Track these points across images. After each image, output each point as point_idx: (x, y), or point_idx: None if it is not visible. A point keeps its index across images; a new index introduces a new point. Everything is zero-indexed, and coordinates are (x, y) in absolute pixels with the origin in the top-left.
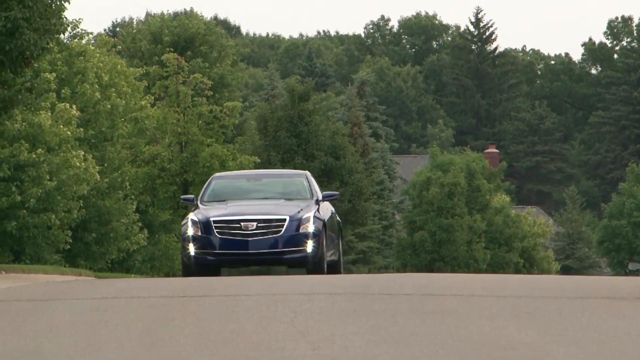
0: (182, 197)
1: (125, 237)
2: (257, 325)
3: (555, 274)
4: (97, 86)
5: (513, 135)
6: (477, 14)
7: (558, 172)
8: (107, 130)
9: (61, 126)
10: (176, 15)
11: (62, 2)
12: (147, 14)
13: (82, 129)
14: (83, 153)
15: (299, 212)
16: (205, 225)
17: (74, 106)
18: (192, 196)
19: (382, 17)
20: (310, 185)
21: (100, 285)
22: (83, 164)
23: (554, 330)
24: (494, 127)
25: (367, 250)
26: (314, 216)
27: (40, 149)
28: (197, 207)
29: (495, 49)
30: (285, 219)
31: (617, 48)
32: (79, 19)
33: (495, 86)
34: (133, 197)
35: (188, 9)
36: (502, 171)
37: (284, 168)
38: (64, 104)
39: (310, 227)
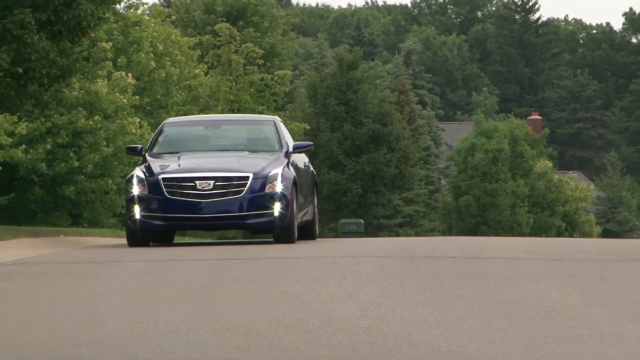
0: (127, 147)
1: None
2: (307, 287)
3: (596, 237)
4: (152, 55)
5: (555, 103)
6: None
7: (599, 138)
8: (161, 98)
9: (117, 94)
10: None
11: None
12: None
13: (137, 97)
14: (139, 120)
15: (264, 168)
16: (153, 184)
17: (129, 74)
18: (140, 146)
19: None
20: (279, 134)
21: (155, 248)
22: (139, 130)
23: (595, 292)
24: (537, 95)
25: (413, 214)
26: (283, 173)
27: (97, 116)
28: (144, 160)
29: (538, 18)
30: (248, 177)
31: None
32: None
33: (538, 55)
34: None
35: None
36: (544, 137)
37: (333, 136)
38: (120, 72)
39: (278, 187)
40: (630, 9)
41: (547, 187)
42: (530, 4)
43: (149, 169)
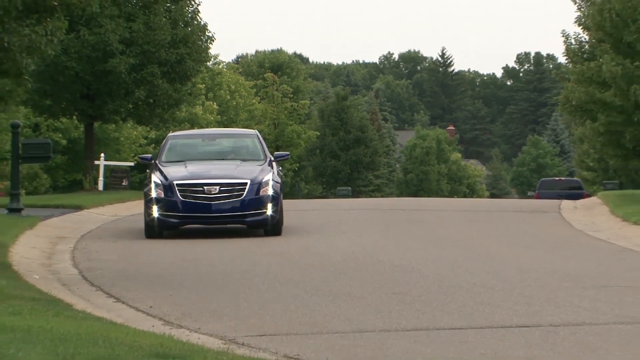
0: (140, 156)
1: None
2: (316, 227)
3: (485, 198)
4: (227, 91)
5: (462, 120)
6: (443, 50)
7: (488, 140)
8: (233, 117)
9: (207, 115)
10: (273, 51)
11: (209, 44)
12: (256, 51)
13: (219, 116)
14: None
15: (257, 175)
16: (168, 189)
17: (214, 103)
18: (150, 155)
19: (389, 52)
20: (262, 146)
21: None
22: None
23: (486, 230)
24: (452, 115)
25: (380, 184)
26: (273, 179)
27: (196, 127)
28: (156, 167)
29: (453, 70)
30: (246, 183)
31: (522, 69)
32: (217, 53)
33: (453, 91)
34: None
35: (279, 47)
36: (456, 140)
37: (332, 140)
38: (209, 102)
39: (270, 191)
40: (507, 64)
41: (457, 169)
42: (448, 61)
43: (163, 176)
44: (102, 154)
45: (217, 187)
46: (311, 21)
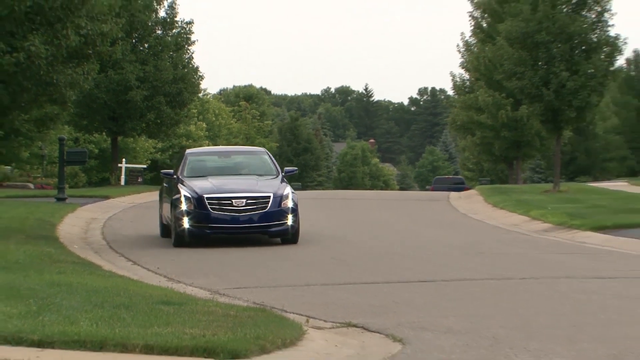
0: (162, 171)
1: None
2: None
3: (396, 190)
4: (213, 115)
5: (380, 135)
6: (366, 85)
7: (398, 149)
8: (217, 133)
9: (199, 131)
10: (245, 85)
11: (200, 81)
12: (234, 85)
13: (207, 132)
14: (207, 142)
15: (278, 189)
16: (198, 202)
17: (203, 123)
18: (172, 171)
19: (328, 86)
20: (273, 162)
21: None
22: (207, 143)
23: (399, 214)
24: (372, 131)
25: (321, 180)
26: (291, 193)
27: (190, 141)
28: (180, 181)
29: (373, 99)
30: (270, 196)
31: (422, 99)
32: (206, 87)
33: (373, 115)
34: None
35: (250, 83)
36: (375, 149)
37: (288, 149)
38: (200, 122)
39: (290, 203)
40: (411, 96)
41: (376, 170)
42: (369, 93)
43: (192, 190)
44: (124, 159)
45: (244, 200)
46: (273, 64)
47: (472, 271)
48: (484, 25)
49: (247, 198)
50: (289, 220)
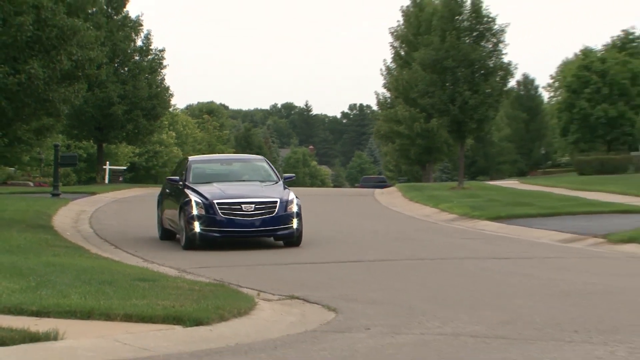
0: (167, 177)
1: None
2: None
3: (331, 188)
4: (181, 126)
5: (318, 142)
6: (307, 102)
7: (332, 154)
8: (185, 141)
9: (169, 139)
10: (208, 102)
11: (170, 98)
12: (198, 101)
13: (176, 139)
14: (176, 148)
15: (283, 194)
16: (209, 207)
17: (173, 132)
18: (177, 177)
19: (275, 102)
20: (272, 169)
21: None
22: (176, 150)
23: (347, 210)
24: (312, 139)
25: None
26: (295, 198)
27: (163, 147)
28: (186, 187)
29: (312, 113)
30: (277, 201)
31: (352, 113)
32: (175, 103)
33: (312, 126)
34: None
35: (212, 99)
36: (314, 154)
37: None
38: (170, 132)
39: (295, 208)
40: (343, 110)
41: (315, 171)
42: (309, 108)
43: (202, 196)
44: (107, 162)
45: (253, 205)
46: (231, 84)
47: (393, 253)
48: (402, 53)
49: (256, 203)
50: (294, 224)
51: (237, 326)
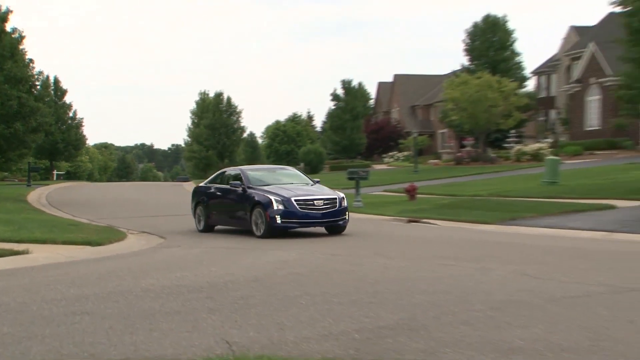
0: (231, 182)
1: None
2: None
3: None
4: (90, 154)
5: None
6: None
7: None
8: (92, 159)
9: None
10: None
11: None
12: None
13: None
14: (89, 164)
15: (335, 192)
16: (287, 202)
17: (87, 157)
18: (238, 182)
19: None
20: (305, 174)
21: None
22: (90, 165)
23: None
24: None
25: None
26: (343, 196)
27: (81, 162)
28: (253, 189)
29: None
30: (336, 198)
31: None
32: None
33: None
34: None
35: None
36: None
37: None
38: (86, 156)
39: (345, 203)
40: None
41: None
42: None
43: (277, 194)
44: (55, 170)
45: (322, 201)
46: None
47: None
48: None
49: (324, 199)
50: (346, 216)
51: (117, 246)
